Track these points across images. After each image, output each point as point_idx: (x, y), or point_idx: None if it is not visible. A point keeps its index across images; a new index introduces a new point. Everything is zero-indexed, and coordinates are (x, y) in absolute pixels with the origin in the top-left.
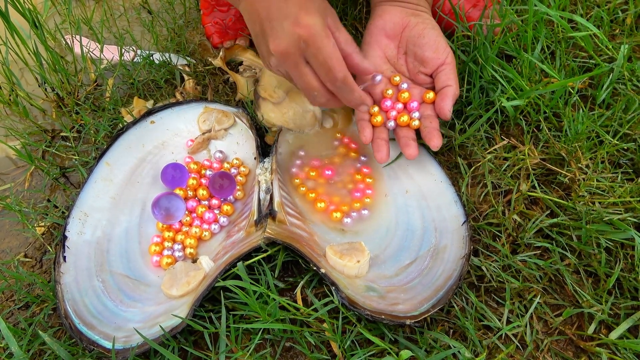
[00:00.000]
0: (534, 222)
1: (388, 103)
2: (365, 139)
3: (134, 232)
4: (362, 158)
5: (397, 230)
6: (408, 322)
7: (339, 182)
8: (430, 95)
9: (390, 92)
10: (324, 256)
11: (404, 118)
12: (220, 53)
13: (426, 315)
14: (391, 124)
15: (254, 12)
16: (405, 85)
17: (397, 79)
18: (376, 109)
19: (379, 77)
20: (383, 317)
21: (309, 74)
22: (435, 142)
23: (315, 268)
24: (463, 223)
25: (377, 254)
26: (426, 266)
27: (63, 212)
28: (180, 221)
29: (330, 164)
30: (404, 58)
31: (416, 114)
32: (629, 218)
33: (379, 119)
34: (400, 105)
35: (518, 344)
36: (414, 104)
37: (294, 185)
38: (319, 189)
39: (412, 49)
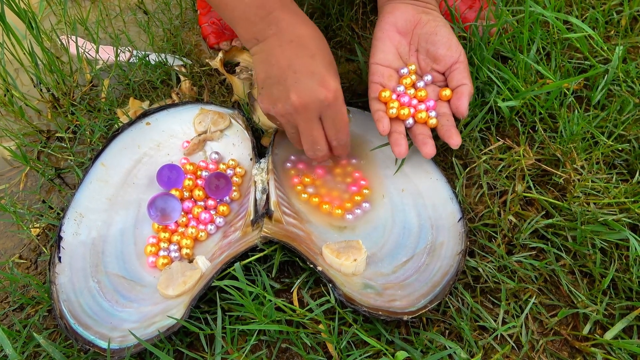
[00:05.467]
0: (529, 223)
1: (405, 99)
2: (384, 129)
3: (130, 233)
4: (353, 161)
5: (394, 229)
6: (405, 317)
7: (334, 178)
8: (447, 92)
9: (407, 88)
10: (320, 255)
11: (422, 115)
12: (219, 55)
13: (423, 310)
14: (410, 121)
15: (272, 57)
16: (421, 84)
17: (413, 67)
18: (394, 98)
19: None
20: (380, 313)
21: (319, 130)
22: (455, 139)
23: (312, 266)
24: (459, 220)
25: (374, 252)
26: (423, 263)
27: (58, 214)
28: (176, 222)
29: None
30: (416, 55)
31: (433, 113)
32: (623, 219)
33: (405, 111)
34: (415, 102)
35: (513, 345)
36: (431, 103)
37: (296, 191)
38: (320, 190)
39: (425, 46)
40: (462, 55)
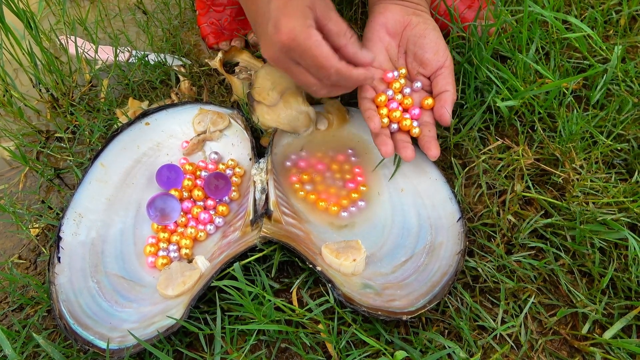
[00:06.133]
0: (528, 223)
1: (394, 105)
2: (375, 126)
3: (129, 233)
4: (353, 159)
5: (393, 229)
6: (404, 317)
7: (333, 176)
8: (429, 101)
9: (396, 93)
10: (319, 255)
11: (407, 122)
12: (219, 55)
13: (422, 310)
14: (394, 126)
15: (247, 13)
16: (408, 90)
17: (404, 71)
18: (383, 96)
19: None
20: (379, 313)
21: (302, 73)
22: (434, 152)
23: (311, 266)
24: (458, 220)
25: (373, 252)
26: (422, 263)
27: (57, 214)
28: (175, 222)
29: (322, 162)
30: (404, 58)
31: (416, 123)
32: (622, 218)
33: (397, 114)
34: (401, 109)
35: (513, 344)
36: (416, 111)
37: (293, 189)
38: (317, 187)
39: (412, 49)
40: (447, 60)
